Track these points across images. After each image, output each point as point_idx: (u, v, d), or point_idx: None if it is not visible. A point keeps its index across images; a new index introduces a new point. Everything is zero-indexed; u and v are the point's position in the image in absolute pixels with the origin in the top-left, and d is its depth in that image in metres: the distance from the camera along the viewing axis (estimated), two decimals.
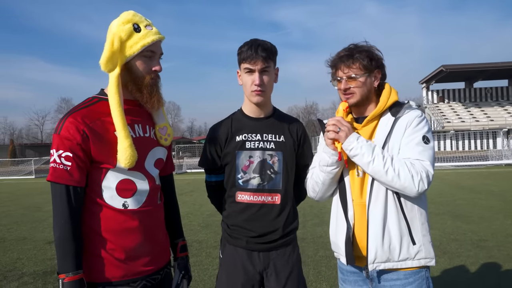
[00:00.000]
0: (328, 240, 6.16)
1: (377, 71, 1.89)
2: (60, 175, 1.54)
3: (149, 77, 1.69)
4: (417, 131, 1.81)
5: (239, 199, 2.07)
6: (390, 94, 1.90)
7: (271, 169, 2.06)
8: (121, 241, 1.64)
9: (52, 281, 4.73)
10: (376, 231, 1.78)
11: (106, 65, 1.62)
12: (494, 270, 4.72)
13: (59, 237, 1.54)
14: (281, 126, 2.14)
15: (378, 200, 1.80)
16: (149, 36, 1.65)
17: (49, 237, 7.18)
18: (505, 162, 23.76)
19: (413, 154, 1.77)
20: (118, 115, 1.60)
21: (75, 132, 1.55)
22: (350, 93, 1.87)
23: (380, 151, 1.76)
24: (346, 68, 1.85)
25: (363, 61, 1.83)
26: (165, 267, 1.83)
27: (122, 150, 1.59)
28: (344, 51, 1.89)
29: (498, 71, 42.65)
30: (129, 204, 1.66)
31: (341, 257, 1.94)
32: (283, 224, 2.07)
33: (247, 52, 1.98)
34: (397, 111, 1.86)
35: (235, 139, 2.08)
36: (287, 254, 2.08)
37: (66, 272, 1.50)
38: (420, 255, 1.80)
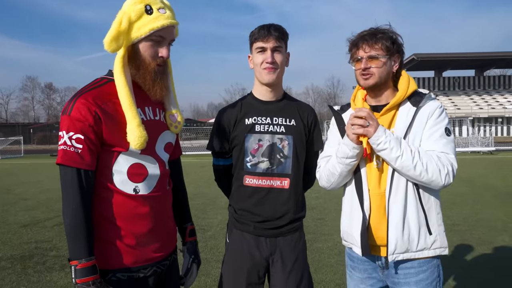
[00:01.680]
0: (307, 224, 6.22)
1: (397, 56, 1.86)
2: (71, 158, 1.47)
3: (155, 63, 1.62)
4: (439, 122, 1.80)
5: (247, 182, 2.04)
6: (409, 82, 1.86)
7: (281, 153, 2.03)
8: (132, 227, 1.60)
9: (31, 265, 4.60)
10: (397, 222, 1.77)
11: (109, 44, 1.53)
12: (468, 252, 4.95)
13: (70, 223, 1.48)
14: (291, 110, 2.11)
15: (399, 191, 1.79)
16: (159, 20, 1.57)
17: (23, 221, 6.97)
18: (470, 150, 24.78)
19: (438, 147, 1.76)
20: (125, 95, 1.55)
21: (87, 113, 1.48)
22: (369, 73, 1.81)
23: (407, 145, 1.73)
24: (368, 47, 1.80)
25: (386, 42, 1.79)
26: (172, 253, 1.81)
27: (131, 131, 1.54)
28: (367, 31, 1.85)
29: (466, 61, 44.08)
30: (140, 189, 1.62)
31: (354, 247, 1.91)
32: (293, 210, 2.05)
33: (260, 32, 1.98)
34: (417, 100, 1.83)
35: (244, 121, 2.05)
36: (294, 241, 2.07)
37: (79, 259, 1.46)
38: (436, 244, 1.81)
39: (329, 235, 5.75)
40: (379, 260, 1.88)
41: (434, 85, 48.17)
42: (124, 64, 1.58)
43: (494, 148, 24.87)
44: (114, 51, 1.56)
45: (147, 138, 1.57)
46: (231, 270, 2.06)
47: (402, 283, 1.84)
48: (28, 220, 7.04)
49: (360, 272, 1.96)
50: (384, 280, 1.91)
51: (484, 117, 39.88)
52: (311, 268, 2.24)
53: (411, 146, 1.74)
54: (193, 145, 28.22)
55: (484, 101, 44.66)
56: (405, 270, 1.83)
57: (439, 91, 47.81)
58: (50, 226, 6.49)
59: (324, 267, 4.41)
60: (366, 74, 1.82)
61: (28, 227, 6.52)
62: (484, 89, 47.92)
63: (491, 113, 41.83)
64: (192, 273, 1.92)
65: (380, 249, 1.85)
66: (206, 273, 4.31)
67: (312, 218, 6.79)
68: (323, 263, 4.54)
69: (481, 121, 38.08)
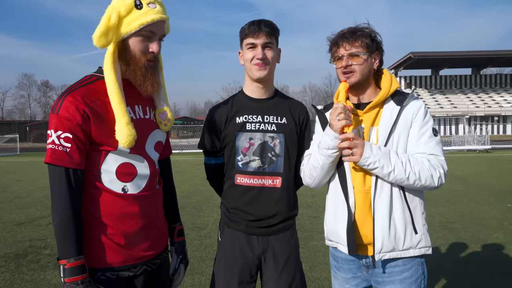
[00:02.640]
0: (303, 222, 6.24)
1: (377, 53, 1.88)
2: (59, 157, 1.46)
3: (145, 58, 1.60)
4: (425, 123, 1.81)
5: (238, 181, 2.03)
6: (392, 81, 1.88)
7: (272, 151, 2.02)
8: (121, 226, 1.59)
9: (25, 264, 4.59)
10: (383, 221, 1.77)
11: (99, 39, 1.51)
12: (462, 250, 4.97)
13: (59, 222, 1.47)
14: (283, 107, 2.09)
15: (384, 189, 1.79)
16: (149, 15, 1.55)
17: (17, 219, 6.94)
18: (467, 148, 24.89)
19: (427, 149, 1.78)
20: (115, 93, 1.53)
21: (75, 112, 1.47)
22: (351, 71, 1.83)
23: (396, 156, 1.73)
24: (348, 45, 1.82)
25: (366, 39, 1.82)
26: (163, 252, 1.80)
27: (119, 129, 1.52)
28: (347, 29, 1.86)
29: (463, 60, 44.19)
30: (128, 188, 1.61)
31: (339, 246, 1.89)
32: (285, 209, 2.05)
33: (250, 28, 1.96)
34: (401, 99, 1.84)
35: (235, 120, 2.04)
36: (286, 239, 2.07)
37: (68, 258, 1.45)
38: (421, 243, 1.82)
39: (324, 233, 5.74)
40: (364, 259, 1.87)
41: (431, 84, 48.28)
42: (114, 60, 1.57)
43: (490, 146, 24.96)
44: (103, 46, 1.54)
45: (136, 136, 1.55)
46: (223, 269, 2.05)
47: (387, 281, 1.83)
48: (23, 218, 7.01)
49: (345, 272, 1.95)
50: (369, 280, 1.91)
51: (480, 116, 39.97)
52: (305, 266, 2.24)
53: (400, 156, 1.74)
54: (190, 143, 28.14)
55: (481, 100, 44.80)
56: (390, 269, 1.83)
57: (436, 89, 47.92)
58: (45, 225, 6.47)
59: (318, 265, 4.42)
60: (348, 72, 1.83)
61: (23, 225, 6.49)
62: (481, 87, 48.06)
63: (488, 112, 41.96)
64: (180, 274, 1.91)
65: (366, 248, 1.85)
66: (201, 271, 4.31)
67: (307, 216, 6.80)
68: (317, 261, 4.55)
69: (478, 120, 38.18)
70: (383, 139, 1.80)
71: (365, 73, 1.84)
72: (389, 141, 1.80)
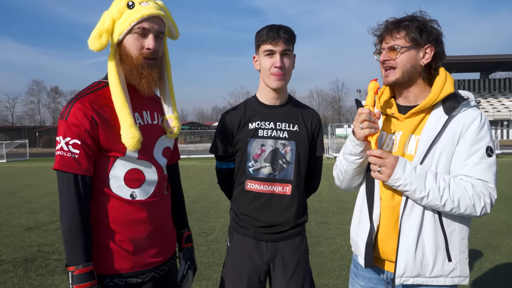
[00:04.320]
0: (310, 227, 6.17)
1: (429, 47, 1.61)
2: (68, 163, 1.47)
3: (141, 56, 1.57)
4: (479, 140, 1.55)
5: (248, 187, 2.03)
6: (445, 83, 1.62)
7: (283, 158, 2.01)
8: (129, 232, 1.59)
9: (33, 269, 4.61)
10: (409, 243, 1.58)
11: (92, 42, 1.52)
12: (473, 257, 4.89)
13: (67, 228, 1.47)
14: (295, 115, 2.08)
15: (415, 208, 1.59)
16: (139, 12, 1.53)
17: (26, 223, 6.99)
18: None
19: (475, 173, 1.54)
20: (118, 95, 1.53)
21: (83, 119, 1.48)
22: (390, 67, 1.62)
23: (434, 179, 1.51)
24: (390, 37, 1.61)
25: (411, 31, 1.57)
26: (172, 258, 1.80)
27: (124, 131, 1.52)
28: (393, 18, 1.65)
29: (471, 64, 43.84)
30: (137, 194, 1.60)
31: (359, 256, 1.79)
32: (294, 217, 2.03)
33: (268, 34, 1.91)
34: (451, 107, 1.58)
35: (248, 126, 2.03)
36: (295, 245, 2.05)
37: (76, 265, 1.45)
38: (455, 273, 1.61)
39: (332, 239, 5.71)
40: (383, 274, 1.76)
41: None
42: (117, 63, 1.57)
43: (500, 151, 24.67)
44: (98, 49, 1.54)
45: (141, 138, 1.54)
46: (231, 275, 2.05)
47: None
48: (32, 223, 7.06)
49: (364, 281, 1.83)
50: None
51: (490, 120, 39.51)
52: (313, 272, 2.22)
53: (439, 180, 1.52)
54: (198, 149, 28.23)
55: (490, 104, 44.40)
56: None
57: None
58: (53, 229, 6.51)
59: (326, 271, 4.38)
60: (388, 69, 1.64)
61: (31, 230, 6.53)
62: (490, 92, 47.64)
63: (497, 116, 41.54)
64: (188, 280, 1.90)
65: (385, 263, 1.73)
66: (208, 277, 4.29)
67: (315, 221, 6.76)
68: (325, 267, 4.51)
69: None
70: (422, 151, 1.59)
71: (407, 70, 1.61)
72: (429, 155, 1.58)
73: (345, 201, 8.56)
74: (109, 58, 1.57)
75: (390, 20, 1.65)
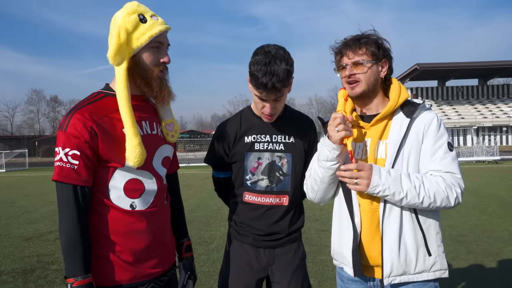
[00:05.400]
0: (311, 235, 6.15)
1: (385, 61, 1.76)
2: (67, 174, 1.46)
3: (158, 70, 1.62)
4: (440, 137, 1.70)
5: (246, 199, 2.06)
6: (401, 90, 1.77)
7: (280, 171, 2.03)
8: (129, 243, 1.58)
9: (32, 280, 4.57)
10: (392, 243, 1.67)
11: (114, 58, 1.54)
12: (475, 264, 4.87)
13: (66, 240, 1.46)
14: (291, 126, 2.07)
15: (393, 209, 1.68)
16: (156, 27, 1.58)
17: (25, 234, 6.95)
18: (475, 159, 24.64)
19: (442, 166, 1.67)
20: (127, 112, 1.54)
21: (82, 129, 1.48)
22: (355, 81, 1.72)
23: (408, 179, 1.61)
24: (352, 53, 1.71)
25: (371, 47, 1.71)
26: (171, 268, 1.79)
27: (131, 149, 1.53)
28: (351, 36, 1.76)
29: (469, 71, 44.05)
30: (136, 205, 1.60)
31: (345, 267, 1.81)
32: (287, 225, 2.06)
33: (261, 80, 1.79)
34: (410, 111, 1.73)
35: (244, 139, 2.03)
36: (293, 250, 2.09)
37: (75, 276, 1.44)
38: (436, 266, 1.71)
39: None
40: (371, 281, 1.79)
41: (438, 95, 48.11)
42: (126, 78, 1.58)
43: (499, 157, 24.70)
44: (119, 64, 1.56)
45: (145, 156, 1.56)
46: (229, 278, 2.08)
47: None
48: (31, 233, 7.02)
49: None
50: None
51: (488, 126, 39.65)
52: (314, 281, 2.26)
53: (413, 178, 1.63)
54: (197, 157, 28.23)
55: (488, 110, 44.49)
56: None
57: (442, 100, 47.74)
58: (52, 240, 6.47)
59: (328, 280, 4.35)
60: (353, 82, 1.74)
61: (31, 240, 6.50)
62: (488, 98, 47.77)
63: (496, 122, 41.60)
64: None
65: (373, 270, 1.76)
66: (209, 287, 4.26)
67: (315, 229, 6.73)
68: (327, 275, 4.48)
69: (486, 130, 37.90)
70: (392, 154, 1.70)
71: (371, 82, 1.73)
72: (399, 156, 1.69)
73: None
74: (121, 72, 1.56)
75: (349, 37, 1.77)
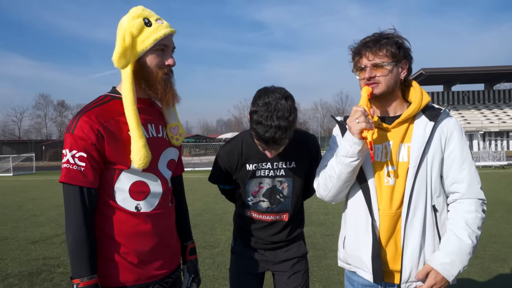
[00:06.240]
0: (316, 240, 6.10)
1: (405, 62, 1.72)
2: (74, 176, 1.49)
3: (162, 72, 1.63)
4: (465, 145, 1.69)
5: (248, 215, 2.16)
6: (423, 94, 1.73)
7: (280, 194, 2.09)
8: (134, 244, 1.60)
9: (38, 282, 4.60)
10: (413, 249, 1.65)
11: (119, 61, 1.56)
12: (482, 270, 4.82)
13: (72, 241, 1.48)
14: (292, 151, 2.02)
15: (417, 214, 1.65)
16: (160, 30, 1.60)
17: (32, 237, 7.00)
18: (482, 164, 24.42)
19: (470, 177, 1.68)
20: (133, 114, 1.56)
21: (89, 132, 1.50)
22: (375, 82, 1.68)
23: (467, 246, 1.62)
24: (372, 55, 1.67)
25: (391, 48, 1.66)
26: (176, 270, 1.80)
27: (136, 150, 1.55)
28: (370, 37, 1.71)
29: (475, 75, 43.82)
30: (141, 207, 1.62)
31: (360, 271, 1.77)
32: (287, 235, 2.17)
33: (264, 135, 1.76)
34: (434, 114, 1.71)
35: (246, 167, 2.06)
36: (294, 249, 2.20)
37: (81, 277, 1.45)
38: None
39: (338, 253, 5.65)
40: (384, 286, 1.76)
41: (443, 100, 47.86)
42: (132, 81, 1.60)
43: (506, 162, 24.50)
44: (124, 67, 1.58)
45: (150, 158, 1.58)
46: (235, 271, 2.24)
47: None
48: (37, 236, 7.07)
49: None
50: None
51: (495, 131, 39.35)
52: (320, 285, 2.35)
53: (468, 232, 1.63)
54: (202, 161, 28.32)
55: (495, 115, 44.19)
56: None
57: (448, 105, 47.46)
58: (58, 243, 6.51)
59: (333, 284, 4.34)
60: (372, 84, 1.69)
61: (37, 243, 6.54)
62: (494, 103, 47.45)
63: (502, 127, 41.29)
64: None
65: (389, 275, 1.73)
66: None
67: (320, 234, 6.71)
68: (332, 280, 4.46)
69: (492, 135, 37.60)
70: (416, 157, 1.66)
71: (391, 84, 1.69)
72: (423, 161, 1.66)
73: None
74: (127, 75, 1.58)
75: (368, 38, 1.72)
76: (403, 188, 1.68)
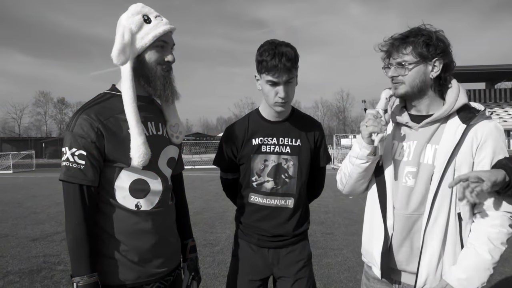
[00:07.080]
0: (317, 239, 6.10)
1: (437, 60, 1.61)
2: (74, 174, 1.48)
3: (161, 68, 1.63)
4: (497, 155, 1.57)
5: (252, 200, 2.07)
6: (459, 94, 1.64)
7: (286, 173, 2.04)
8: (134, 242, 1.59)
9: (39, 280, 4.60)
10: (432, 254, 1.60)
11: (118, 57, 1.55)
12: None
13: (72, 239, 1.48)
14: (298, 129, 2.08)
15: (439, 220, 1.59)
16: (160, 26, 1.60)
17: (32, 234, 6.99)
18: None
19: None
20: (132, 111, 1.55)
21: (89, 130, 1.49)
22: (398, 82, 1.63)
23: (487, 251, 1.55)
24: (396, 53, 1.62)
25: (418, 46, 1.58)
26: (176, 268, 1.80)
27: (135, 148, 1.54)
28: (398, 34, 1.65)
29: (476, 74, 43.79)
30: (142, 205, 1.61)
31: (373, 267, 1.78)
32: (293, 227, 2.08)
33: (271, 62, 1.81)
34: (467, 117, 1.60)
35: (251, 142, 2.05)
36: (298, 250, 2.11)
37: (81, 275, 1.45)
38: None
39: (338, 250, 5.66)
40: (397, 284, 1.74)
41: None
42: (132, 78, 1.59)
43: None
44: (123, 63, 1.58)
45: (150, 155, 1.57)
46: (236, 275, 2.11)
47: None
48: (38, 234, 7.07)
49: None
50: None
51: None
52: (320, 284, 2.25)
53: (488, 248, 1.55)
54: (203, 159, 28.34)
55: (496, 114, 44.15)
56: None
57: None
58: (59, 240, 6.51)
59: (333, 283, 4.33)
60: (395, 83, 1.65)
61: (37, 241, 6.54)
62: (496, 102, 47.42)
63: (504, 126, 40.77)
64: None
65: (400, 274, 1.72)
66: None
67: (321, 232, 6.70)
68: (332, 279, 4.46)
69: None
70: (443, 161, 1.59)
71: (416, 84, 1.62)
72: (450, 165, 1.58)
73: (351, 211, 8.49)
74: (127, 72, 1.58)
75: (395, 36, 1.66)
76: (423, 190, 1.62)
